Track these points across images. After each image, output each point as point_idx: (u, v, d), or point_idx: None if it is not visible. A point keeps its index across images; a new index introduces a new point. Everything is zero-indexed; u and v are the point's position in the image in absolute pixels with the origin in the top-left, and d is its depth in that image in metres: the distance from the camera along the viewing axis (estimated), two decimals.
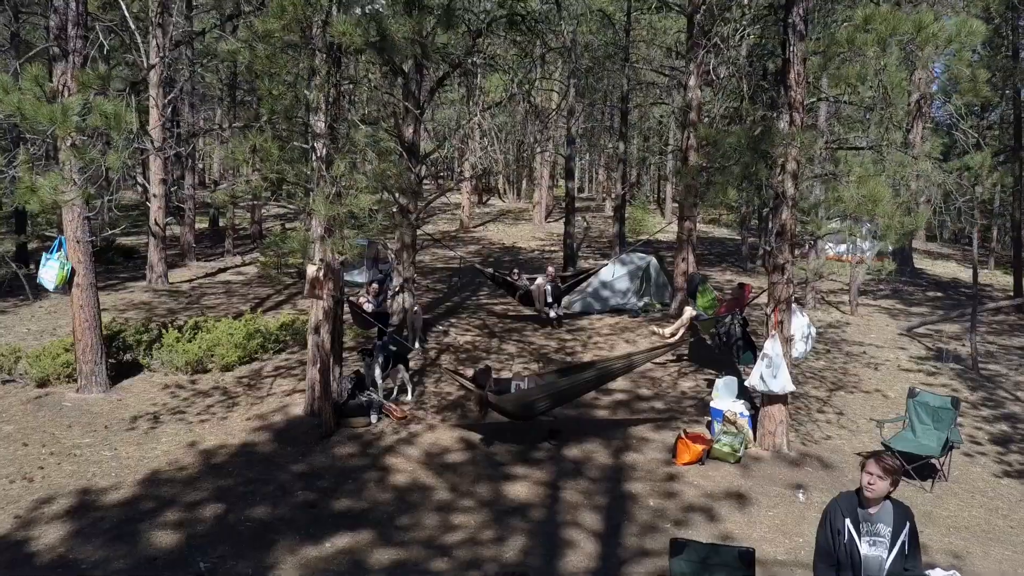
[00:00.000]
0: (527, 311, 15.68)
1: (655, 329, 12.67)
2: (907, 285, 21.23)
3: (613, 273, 16.47)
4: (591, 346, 13.59)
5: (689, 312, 12.15)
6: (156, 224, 18.82)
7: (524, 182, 48.25)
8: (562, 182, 45.12)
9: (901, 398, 11.25)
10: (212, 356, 12.11)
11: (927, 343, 14.74)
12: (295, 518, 7.27)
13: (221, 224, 27.82)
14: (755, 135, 7.44)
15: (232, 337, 12.48)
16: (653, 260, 17.02)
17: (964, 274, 25.34)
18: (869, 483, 4.25)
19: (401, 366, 10.58)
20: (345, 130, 7.77)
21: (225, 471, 8.27)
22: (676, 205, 45.08)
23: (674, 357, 12.85)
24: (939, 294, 20.74)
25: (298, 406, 10.11)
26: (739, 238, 31.47)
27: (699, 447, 8.52)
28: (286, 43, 7.20)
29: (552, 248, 27.13)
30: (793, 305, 8.91)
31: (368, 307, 12.48)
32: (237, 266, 22.74)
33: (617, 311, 16.19)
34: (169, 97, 18.76)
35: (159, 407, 10.31)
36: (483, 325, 15.05)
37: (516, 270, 15.90)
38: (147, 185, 19.50)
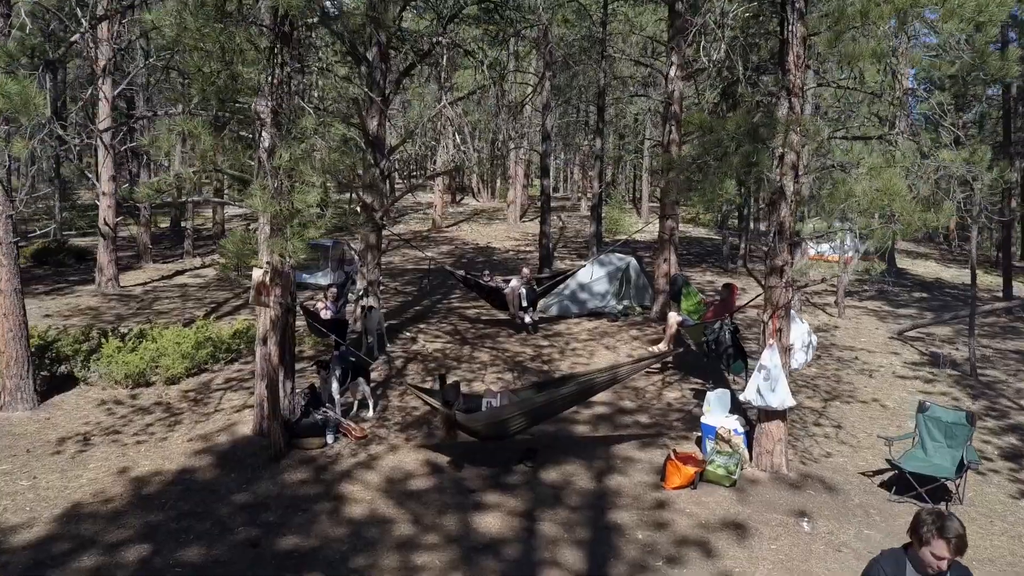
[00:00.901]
0: (501, 315, 14.80)
1: (652, 349, 11.80)
2: (892, 286, 20.64)
3: (591, 274, 15.62)
4: (569, 353, 12.73)
5: (674, 317, 11.31)
6: (106, 224, 17.68)
7: (498, 181, 47.36)
8: (537, 181, 44.30)
9: (900, 408, 10.55)
10: (157, 367, 11.09)
11: (919, 347, 14.07)
12: (233, 560, 6.31)
13: (183, 224, 26.69)
14: (755, 121, 6.62)
15: (180, 346, 11.45)
16: (633, 261, 16.20)
17: (946, 274, 24.89)
18: (938, 567, 3.42)
19: (362, 379, 9.63)
20: (292, 116, 6.83)
21: (157, 503, 7.28)
22: (653, 204, 44.53)
23: (658, 365, 12.03)
24: (924, 295, 20.18)
25: (247, 424, 9.13)
26: (719, 238, 30.84)
27: (691, 470, 7.68)
28: (223, 13, 6.25)
29: (527, 248, 26.27)
30: (791, 311, 8.10)
31: (326, 313, 11.50)
32: (196, 268, 21.64)
33: (596, 314, 15.34)
34: (119, 89, 17.61)
35: (91, 427, 9.29)
36: (454, 331, 14.13)
37: (488, 271, 14.98)
38: (96, 182, 18.32)
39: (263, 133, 7.22)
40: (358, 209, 13.42)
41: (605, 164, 28.13)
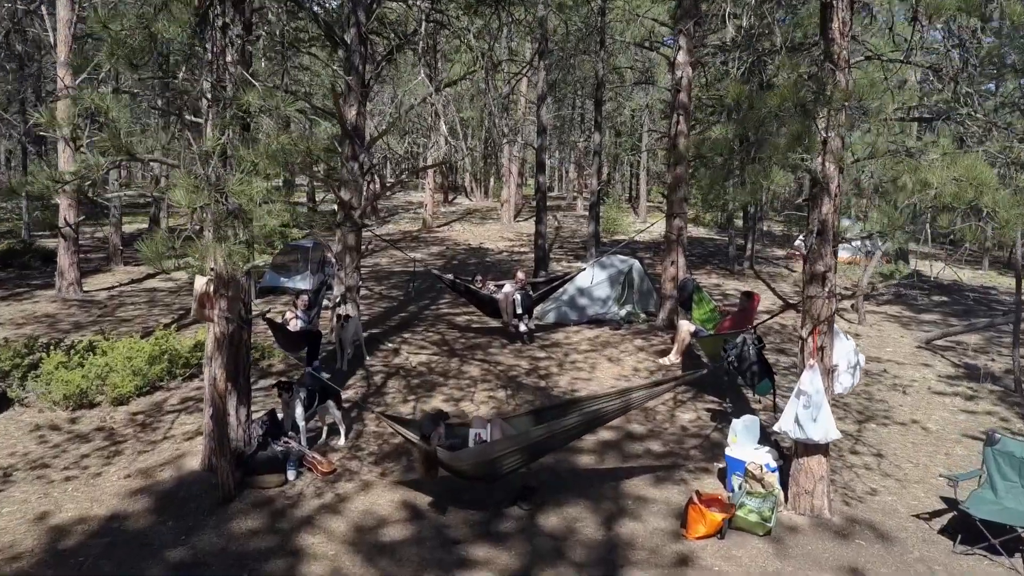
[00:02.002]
0: (493, 323, 13.54)
1: (661, 362, 10.50)
2: (908, 288, 19.44)
3: (592, 278, 14.37)
4: (568, 367, 11.47)
5: (687, 327, 10.08)
6: (66, 224, 16.34)
7: (492, 180, 46.10)
8: (531, 181, 43.02)
9: (944, 431, 9.34)
10: (104, 385, 9.81)
11: (952, 358, 12.85)
12: None
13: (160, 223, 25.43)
14: (803, 95, 5.37)
15: (131, 361, 10.17)
16: (636, 263, 14.97)
17: (962, 275, 23.70)
18: None
19: (331, 402, 8.35)
20: (234, 90, 5.55)
21: (73, 562, 6.00)
22: (651, 203, 43.35)
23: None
24: (944, 299, 18.97)
25: (196, 456, 7.84)
26: (720, 238, 29.63)
27: (717, 516, 6.43)
28: None
29: (522, 249, 25.03)
30: (835, 326, 6.86)
31: (295, 324, 10.20)
32: (171, 271, 20.27)
33: (596, 322, 14.11)
34: (81, 78, 16.26)
35: (17, 458, 8.00)
36: (442, 341, 12.86)
37: (479, 276, 13.70)
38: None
39: (207, 112, 5.95)
40: (336, 207, 12.17)
41: (602, 161, 26.86)
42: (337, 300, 12.05)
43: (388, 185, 23.31)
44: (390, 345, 12.33)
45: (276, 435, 7.68)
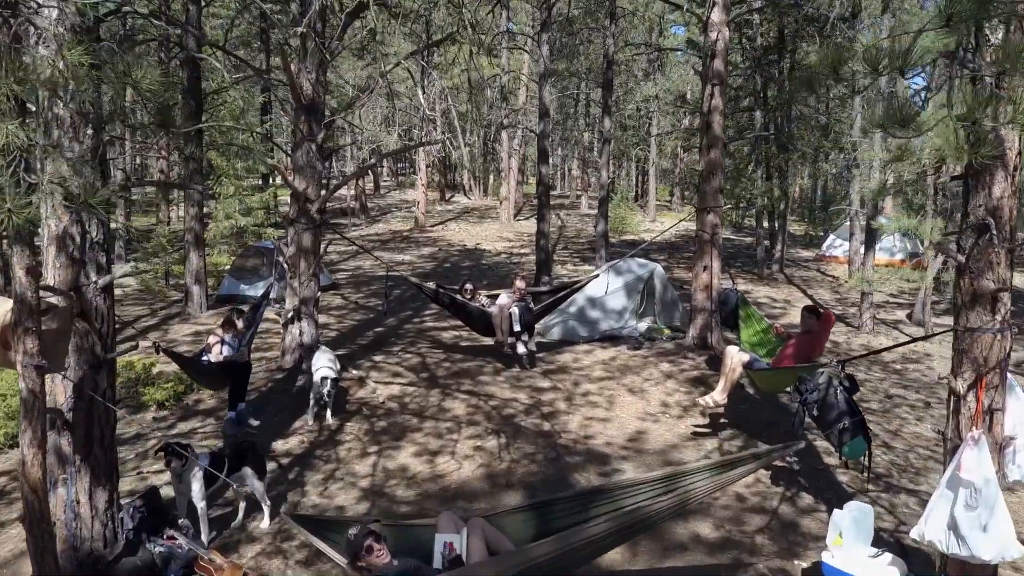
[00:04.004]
0: (487, 340, 11.09)
1: (703, 402, 7.94)
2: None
3: (606, 287, 11.90)
4: (580, 401, 9.02)
5: (738, 356, 7.59)
6: None
7: (491, 178, 43.63)
8: (532, 179, 40.59)
9: None
10: None
11: None
12: None
13: (114, 224, 23.02)
14: None
15: (7, 400, 7.76)
16: (658, 268, 12.51)
17: (1017, 279, 21.22)
18: None
19: (249, 470, 5.89)
20: None
21: None
22: (659, 202, 40.91)
23: (706, 422, 8.39)
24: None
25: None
26: (738, 238, 27.24)
27: None
28: None
29: (522, 250, 22.59)
30: (1008, 376, 4.42)
31: (221, 351, 7.70)
32: (127, 275, 17.86)
33: (611, 339, 11.64)
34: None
35: None
36: (421, 365, 10.40)
37: (469, 284, 11.19)
38: None
39: None
40: (290, 202, 9.79)
41: (611, 151, 24.41)
42: (289, 316, 9.63)
43: (353, 175, 21.05)
44: (356, 372, 9.85)
45: (154, 529, 5.21)
